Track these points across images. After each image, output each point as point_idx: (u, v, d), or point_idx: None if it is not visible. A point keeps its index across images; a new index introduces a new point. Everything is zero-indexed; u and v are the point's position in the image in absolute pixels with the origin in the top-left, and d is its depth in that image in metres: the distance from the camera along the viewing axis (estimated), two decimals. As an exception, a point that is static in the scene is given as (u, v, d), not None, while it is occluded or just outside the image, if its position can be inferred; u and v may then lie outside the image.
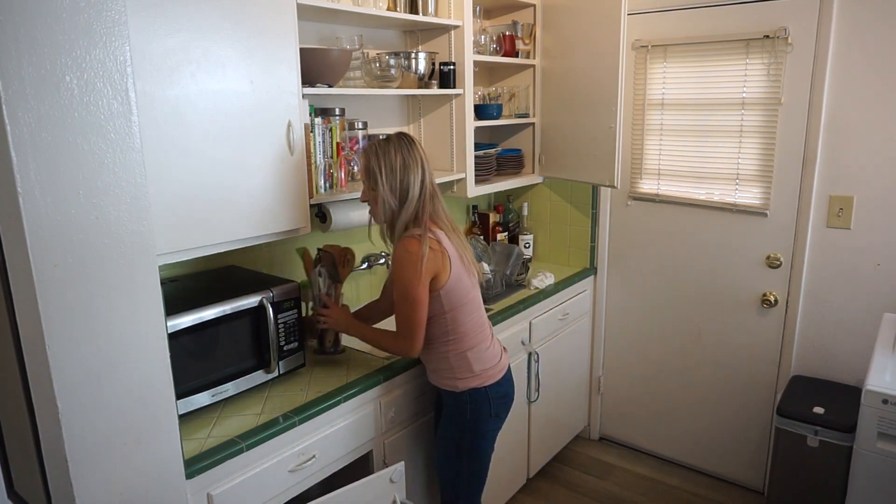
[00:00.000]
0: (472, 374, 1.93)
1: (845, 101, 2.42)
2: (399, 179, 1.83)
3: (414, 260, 1.78)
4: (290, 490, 1.77)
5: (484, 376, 1.94)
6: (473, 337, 1.93)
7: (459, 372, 1.93)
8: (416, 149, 1.86)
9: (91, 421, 1.27)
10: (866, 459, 1.98)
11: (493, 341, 2.01)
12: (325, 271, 2.01)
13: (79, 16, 1.16)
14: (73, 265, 1.21)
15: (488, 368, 1.95)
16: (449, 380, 1.95)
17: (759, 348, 2.79)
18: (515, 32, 2.82)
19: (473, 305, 1.94)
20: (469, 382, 1.93)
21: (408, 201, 1.84)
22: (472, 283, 1.94)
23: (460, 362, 1.92)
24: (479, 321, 1.97)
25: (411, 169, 1.84)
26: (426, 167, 1.87)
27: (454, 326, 1.90)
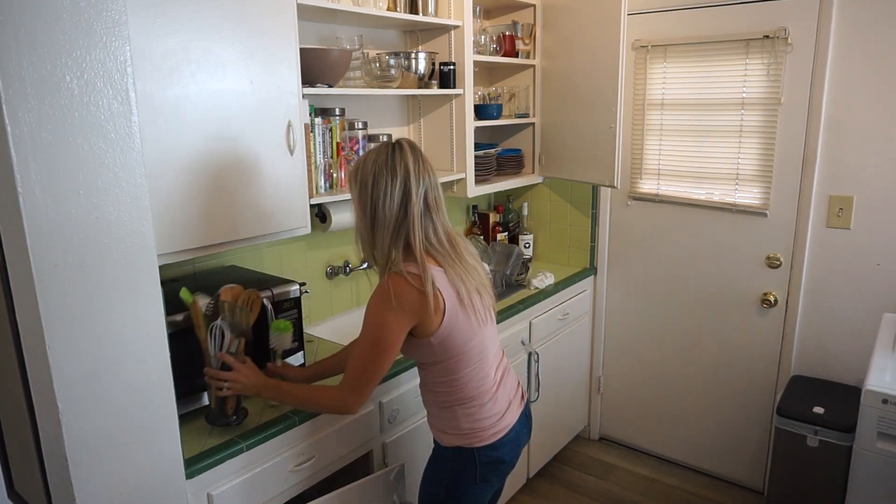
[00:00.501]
0: (459, 431, 1.63)
1: (845, 101, 2.42)
2: (370, 197, 1.51)
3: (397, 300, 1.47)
4: (290, 490, 1.77)
5: (472, 437, 1.62)
6: (470, 390, 1.61)
7: (446, 425, 1.66)
8: (400, 157, 1.51)
9: (91, 421, 1.27)
10: (866, 459, 1.98)
11: (496, 396, 1.65)
12: (224, 325, 1.58)
13: (79, 16, 1.16)
14: (73, 265, 1.21)
15: (480, 430, 1.63)
16: (435, 429, 1.70)
17: (759, 348, 2.79)
18: (515, 32, 2.82)
19: (477, 353, 1.60)
20: (453, 440, 1.64)
21: (380, 225, 1.51)
22: (477, 325, 1.59)
23: (448, 415, 1.64)
24: (482, 372, 1.63)
25: (385, 184, 1.49)
26: (413, 181, 1.50)
27: (446, 377, 1.61)
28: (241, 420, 1.66)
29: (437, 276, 1.52)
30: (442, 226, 1.59)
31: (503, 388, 1.69)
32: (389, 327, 1.50)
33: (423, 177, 1.53)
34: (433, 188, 1.55)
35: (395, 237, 1.52)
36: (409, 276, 1.49)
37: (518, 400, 1.75)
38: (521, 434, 1.73)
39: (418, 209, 1.52)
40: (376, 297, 1.52)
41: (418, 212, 1.52)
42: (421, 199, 1.52)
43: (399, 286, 1.49)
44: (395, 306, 1.48)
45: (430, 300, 1.48)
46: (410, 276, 1.49)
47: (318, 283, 2.46)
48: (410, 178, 1.50)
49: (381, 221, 1.52)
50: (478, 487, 1.67)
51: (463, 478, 1.66)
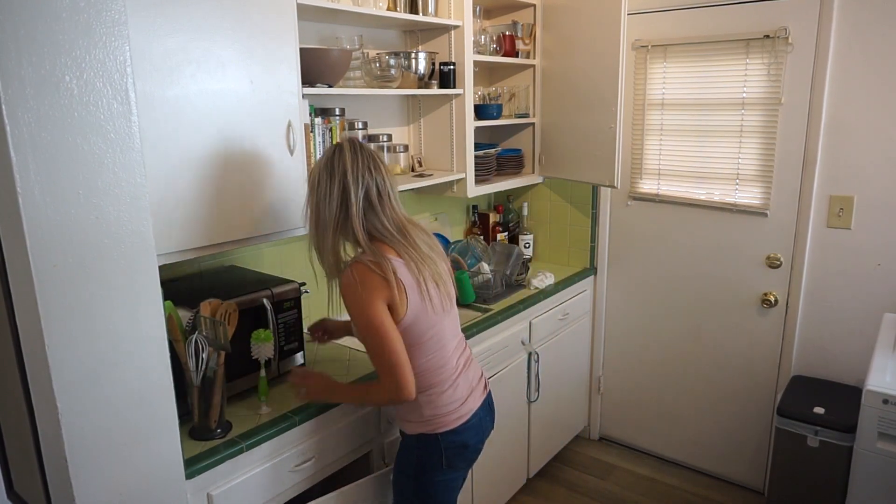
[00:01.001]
0: (422, 419, 1.68)
1: (845, 101, 2.42)
2: (314, 199, 1.59)
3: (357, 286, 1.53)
4: (290, 490, 1.77)
5: (435, 423, 1.67)
6: (429, 378, 1.66)
7: (409, 414, 1.70)
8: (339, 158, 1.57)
9: (91, 421, 1.27)
10: (866, 459, 1.98)
11: (456, 383, 1.70)
12: (202, 339, 1.59)
13: (79, 16, 1.16)
14: (73, 265, 1.21)
15: (442, 415, 1.67)
16: (399, 418, 1.75)
17: (759, 348, 2.79)
18: (515, 32, 2.82)
19: (434, 342, 1.65)
20: (417, 428, 1.69)
21: (323, 225, 1.59)
22: (433, 314, 1.63)
23: (410, 404, 1.67)
24: (440, 360, 1.67)
25: (325, 185, 1.57)
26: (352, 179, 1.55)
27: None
28: (225, 433, 1.66)
29: (397, 266, 1.57)
30: (390, 218, 1.62)
31: (464, 376, 1.74)
32: (367, 310, 1.54)
33: (362, 175, 1.58)
34: (378, 184, 1.60)
35: (336, 235, 1.60)
36: (369, 263, 1.55)
37: (481, 388, 1.80)
38: (483, 420, 1.78)
39: (358, 207, 1.57)
40: (347, 292, 1.57)
41: (358, 210, 1.57)
42: (360, 196, 1.57)
43: (361, 272, 1.55)
44: (363, 291, 1.53)
45: (394, 284, 1.54)
46: (371, 263, 1.55)
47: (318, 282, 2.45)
48: (348, 177, 1.56)
49: (323, 222, 1.59)
50: (444, 474, 1.72)
51: (429, 464, 1.70)
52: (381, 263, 1.55)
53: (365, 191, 1.58)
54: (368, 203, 1.59)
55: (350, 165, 1.57)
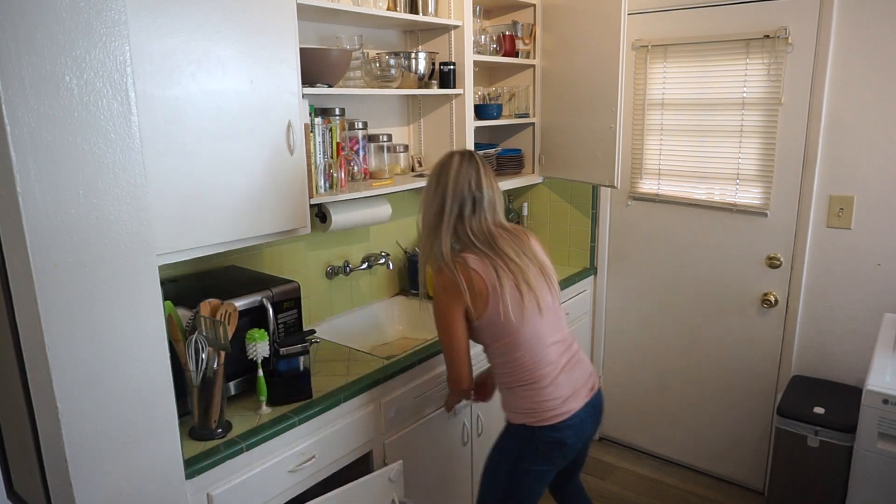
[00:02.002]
0: (523, 410, 1.77)
1: (845, 101, 2.42)
2: (421, 202, 1.80)
3: (439, 290, 1.74)
4: (290, 490, 1.77)
5: (535, 417, 1.76)
6: (527, 373, 1.75)
7: (511, 404, 1.81)
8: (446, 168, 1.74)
9: (91, 421, 1.27)
10: (866, 459, 1.98)
11: (557, 381, 1.76)
12: (202, 339, 1.60)
13: (79, 16, 1.16)
14: (72, 265, 1.21)
15: (541, 410, 1.75)
16: (505, 408, 1.85)
17: (759, 348, 2.79)
18: (515, 32, 2.82)
19: (526, 339, 1.74)
20: (519, 418, 1.78)
21: (425, 226, 1.78)
22: (521, 314, 1.72)
23: (512, 396, 1.80)
24: (537, 357, 1.75)
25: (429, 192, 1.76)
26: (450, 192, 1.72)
27: (503, 359, 1.77)
28: (225, 433, 1.66)
29: (474, 275, 1.72)
30: (479, 230, 1.76)
31: (567, 375, 1.80)
32: (442, 311, 1.75)
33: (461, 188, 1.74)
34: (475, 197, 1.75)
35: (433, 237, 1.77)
36: (447, 269, 1.73)
37: (586, 390, 1.85)
38: (584, 422, 1.83)
39: (450, 217, 1.74)
40: (433, 293, 1.79)
41: (449, 219, 1.75)
42: (455, 207, 1.74)
43: (441, 277, 1.74)
44: (441, 294, 1.74)
45: (466, 291, 1.70)
46: (449, 269, 1.73)
47: (318, 283, 2.46)
48: (448, 188, 1.74)
49: (426, 223, 1.80)
50: (540, 465, 1.81)
51: (526, 454, 1.80)
52: (459, 271, 1.71)
53: (460, 203, 1.74)
54: (460, 214, 1.75)
55: (453, 177, 1.73)
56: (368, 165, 2.39)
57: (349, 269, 2.53)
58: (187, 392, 1.63)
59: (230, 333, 1.65)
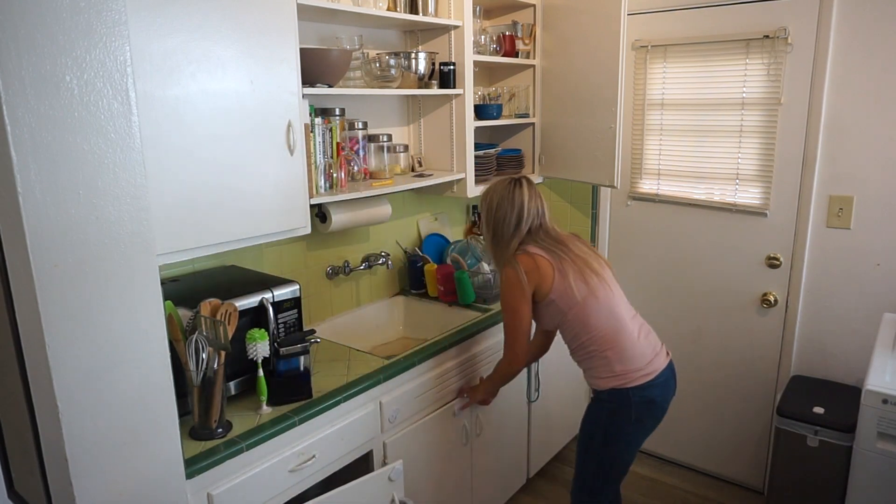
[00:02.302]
0: (613, 374, 1.93)
1: (845, 101, 2.42)
2: (493, 219, 2.02)
3: (509, 282, 1.95)
4: (290, 490, 1.77)
5: (626, 377, 1.92)
6: (609, 333, 1.93)
7: (600, 371, 1.95)
8: (518, 193, 2.00)
9: (91, 421, 1.27)
10: (866, 459, 1.98)
11: (639, 343, 1.96)
12: (202, 339, 1.60)
13: (79, 16, 1.16)
14: (73, 265, 1.21)
15: (632, 370, 1.92)
16: (592, 378, 1.99)
17: (759, 348, 2.79)
18: (515, 32, 2.82)
19: (598, 305, 1.94)
20: (609, 382, 1.93)
21: (501, 239, 2.01)
22: (596, 286, 1.95)
23: (600, 362, 1.94)
24: (617, 324, 1.95)
25: (505, 212, 2.00)
26: (525, 213, 1.99)
27: (583, 328, 1.94)
28: (225, 433, 1.66)
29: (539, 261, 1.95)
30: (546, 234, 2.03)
31: (646, 339, 2.00)
32: (507, 297, 1.97)
33: (531, 209, 2.01)
34: (539, 216, 2.03)
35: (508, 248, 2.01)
36: (515, 262, 1.96)
37: (664, 354, 2.04)
38: (668, 381, 2.00)
39: (524, 231, 2.00)
40: (507, 279, 1.97)
41: (524, 233, 2.01)
42: (527, 224, 2.01)
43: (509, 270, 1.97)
44: (505, 285, 1.97)
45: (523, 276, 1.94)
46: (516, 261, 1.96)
47: (318, 283, 2.46)
48: (524, 210, 2.00)
49: (500, 238, 2.03)
50: (633, 427, 1.96)
51: (619, 416, 1.94)
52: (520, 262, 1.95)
53: (530, 224, 2.01)
54: (530, 230, 2.02)
55: (527, 200, 2.00)
56: (368, 165, 2.39)
57: (349, 269, 2.53)
58: (187, 392, 1.63)
59: (230, 333, 1.65)
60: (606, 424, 1.97)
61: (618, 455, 2.01)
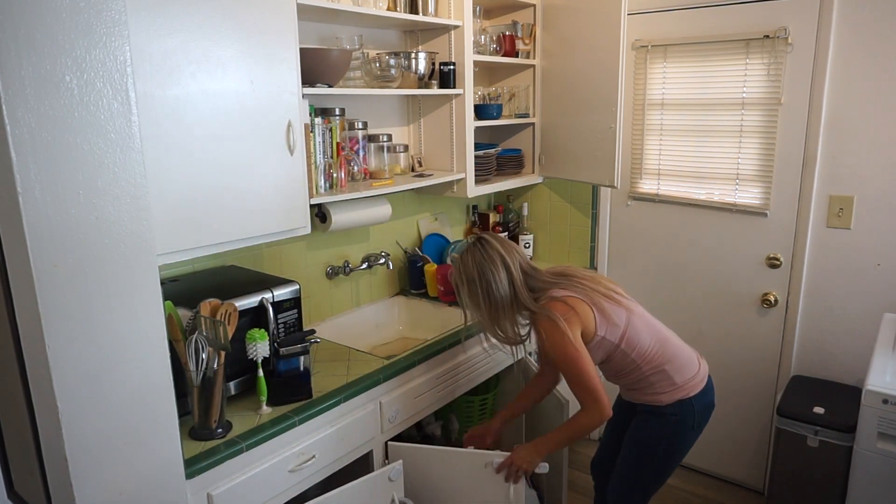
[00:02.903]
0: (675, 386, 1.89)
1: (845, 101, 2.42)
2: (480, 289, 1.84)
3: (552, 334, 1.79)
4: (290, 490, 1.77)
5: (688, 387, 1.90)
6: (664, 353, 1.90)
7: (661, 387, 1.90)
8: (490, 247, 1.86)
9: (91, 421, 1.27)
10: (866, 459, 1.98)
11: (685, 352, 1.96)
12: (202, 339, 1.59)
13: (79, 16, 1.16)
14: (72, 265, 1.21)
15: (690, 378, 1.91)
16: (651, 395, 1.92)
17: (759, 348, 2.79)
18: (515, 32, 2.82)
19: (641, 326, 1.89)
20: (674, 395, 1.90)
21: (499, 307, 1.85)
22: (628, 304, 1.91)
23: (660, 377, 1.90)
24: (658, 334, 1.92)
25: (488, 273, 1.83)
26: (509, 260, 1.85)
27: (638, 353, 1.88)
28: (225, 433, 1.66)
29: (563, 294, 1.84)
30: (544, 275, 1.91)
31: (685, 348, 1.98)
32: (570, 344, 1.78)
33: (511, 253, 1.87)
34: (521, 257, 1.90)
35: (511, 311, 1.86)
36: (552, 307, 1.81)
37: (698, 356, 2.02)
38: (712, 381, 2.01)
39: (519, 279, 1.85)
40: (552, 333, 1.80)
41: (520, 280, 1.85)
42: (518, 271, 1.86)
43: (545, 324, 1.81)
44: (563, 328, 1.78)
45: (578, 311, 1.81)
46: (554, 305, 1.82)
47: (318, 283, 2.46)
48: (507, 259, 1.85)
49: (498, 304, 1.85)
50: (693, 434, 1.95)
51: (684, 427, 1.92)
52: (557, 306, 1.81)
53: (519, 265, 1.87)
54: (524, 273, 1.87)
55: (502, 250, 1.86)
56: (368, 165, 2.39)
57: (349, 269, 2.53)
58: (187, 392, 1.63)
59: (230, 333, 1.65)
60: (670, 438, 1.93)
61: (676, 464, 1.99)
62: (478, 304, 1.87)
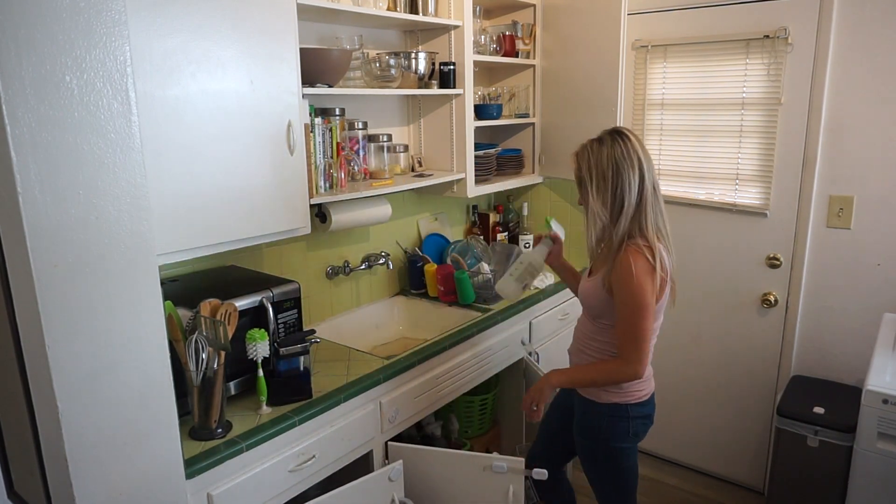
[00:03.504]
0: (620, 390, 1.82)
1: (845, 101, 2.42)
2: (611, 187, 1.68)
3: (640, 271, 1.65)
4: (290, 490, 1.77)
5: (629, 395, 1.83)
6: None
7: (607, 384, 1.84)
8: (632, 145, 1.68)
9: (91, 421, 1.27)
10: (866, 459, 1.98)
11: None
12: (202, 339, 1.59)
13: (79, 16, 1.16)
14: (72, 265, 1.21)
15: (637, 387, 1.83)
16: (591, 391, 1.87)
17: (760, 348, 2.79)
18: (515, 32, 2.82)
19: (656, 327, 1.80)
20: (611, 397, 1.83)
21: (622, 213, 1.69)
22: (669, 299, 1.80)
23: None
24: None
25: (626, 174, 1.66)
26: (645, 167, 1.68)
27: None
28: (225, 433, 1.66)
29: (665, 257, 1.71)
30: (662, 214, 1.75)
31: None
32: (641, 291, 1.66)
33: (649, 163, 1.70)
34: (654, 174, 1.73)
35: (633, 222, 1.70)
36: (644, 248, 1.68)
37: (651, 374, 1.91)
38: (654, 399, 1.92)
39: (650, 194, 1.70)
40: (624, 271, 1.67)
41: (650, 197, 1.70)
42: (651, 184, 1.70)
43: (636, 257, 1.67)
44: (639, 272, 1.65)
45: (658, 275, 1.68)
46: (645, 248, 1.68)
47: (318, 283, 2.46)
48: (644, 166, 1.69)
49: (625, 210, 1.69)
50: (630, 442, 1.86)
51: (618, 432, 1.84)
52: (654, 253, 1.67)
53: (652, 182, 1.71)
54: (654, 191, 1.71)
55: (642, 154, 1.69)
56: (368, 165, 2.39)
57: (349, 269, 2.53)
58: (187, 392, 1.63)
59: (230, 333, 1.65)
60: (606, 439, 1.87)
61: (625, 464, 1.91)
62: (605, 202, 1.71)
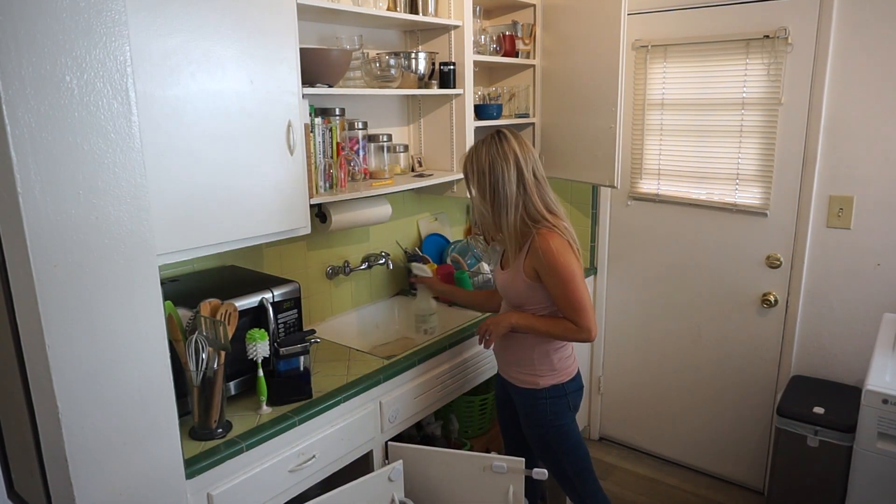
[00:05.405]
0: (553, 371, 1.96)
1: (845, 101, 2.42)
2: (488, 182, 1.83)
3: (559, 248, 1.81)
4: (290, 490, 1.77)
5: (563, 373, 1.97)
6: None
7: (543, 369, 1.97)
8: (507, 144, 1.83)
9: (91, 421, 1.27)
10: (866, 459, 1.98)
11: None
12: (202, 339, 1.59)
13: (79, 16, 1.16)
14: (73, 265, 1.21)
15: (567, 365, 1.99)
16: (529, 376, 1.98)
17: (759, 348, 2.79)
18: (515, 32, 2.82)
19: None
20: (549, 380, 1.96)
21: (505, 204, 1.83)
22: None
23: (545, 359, 1.96)
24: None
25: (501, 168, 1.81)
26: (522, 160, 1.82)
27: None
28: (225, 433, 1.66)
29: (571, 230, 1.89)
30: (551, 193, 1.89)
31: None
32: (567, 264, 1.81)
33: (528, 156, 1.85)
34: (537, 165, 1.88)
35: (517, 210, 1.84)
36: (556, 230, 1.84)
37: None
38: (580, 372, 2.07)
39: (532, 183, 1.84)
40: (545, 253, 1.81)
41: (532, 185, 1.84)
42: (531, 174, 1.84)
43: (552, 237, 1.82)
44: (559, 249, 1.81)
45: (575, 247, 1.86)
46: (559, 230, 1.84)
47: (318, 283, 2.46)
48: (520, 159, 1.83)
49: (503, 201, 1.83)
50: (571, 414, 2.01)
51: (560, 409, 1.98)
52: (566, 231, 1.86)
53: (532, 171, 1.85)
54: (536, 179, 1.86)
55: (518, 149, 1.84)
56: (368, 165, 2.39)
57: (349, 269, 2.53)
58: (187, 392, 1.63)
59: (230, 333, 1.65)
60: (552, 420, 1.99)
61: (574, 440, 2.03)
62: (484, 195, 1.86)
